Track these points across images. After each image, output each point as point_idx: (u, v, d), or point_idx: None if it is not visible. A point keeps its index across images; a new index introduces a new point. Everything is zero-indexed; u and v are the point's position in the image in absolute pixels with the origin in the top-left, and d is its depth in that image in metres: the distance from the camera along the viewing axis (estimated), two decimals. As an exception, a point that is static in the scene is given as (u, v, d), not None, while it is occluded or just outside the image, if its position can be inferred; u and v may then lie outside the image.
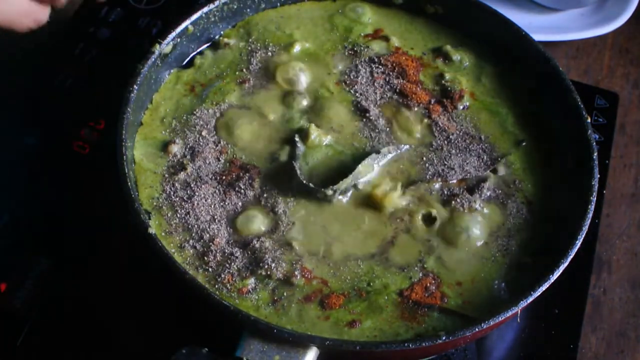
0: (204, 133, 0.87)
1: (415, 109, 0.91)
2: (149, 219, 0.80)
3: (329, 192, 0.81)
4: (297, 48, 0.94)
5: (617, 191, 1.06)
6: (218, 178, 0.84)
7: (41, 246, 0.92)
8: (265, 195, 0.83)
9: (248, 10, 0.97)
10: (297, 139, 0.85)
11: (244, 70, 0.92)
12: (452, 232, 0.81)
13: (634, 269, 1.00)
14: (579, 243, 0.77)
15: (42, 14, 0.80)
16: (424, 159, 0.87)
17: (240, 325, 0.71)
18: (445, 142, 0.88)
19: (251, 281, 0.77)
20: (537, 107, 0.91)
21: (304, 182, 0.81)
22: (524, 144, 0.89)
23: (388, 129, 0.89)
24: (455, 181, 0.85)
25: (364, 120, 0.89)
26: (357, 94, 0.91)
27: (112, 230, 0.91)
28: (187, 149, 0.85)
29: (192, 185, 0.82)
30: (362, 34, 0.97)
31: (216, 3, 0.93)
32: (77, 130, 1.00)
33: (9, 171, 0.98)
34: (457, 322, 0.76)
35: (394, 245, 0.81)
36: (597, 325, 0.95)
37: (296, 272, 0.78)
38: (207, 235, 0.79)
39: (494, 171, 0.86)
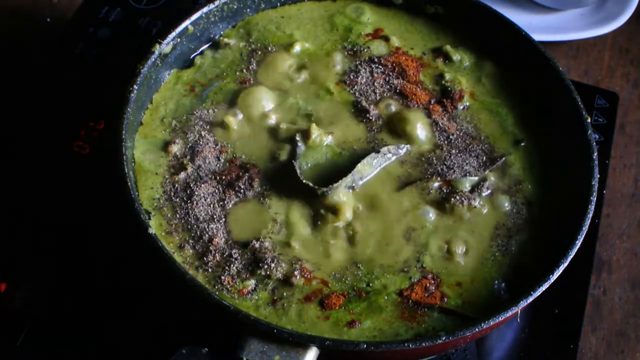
0: (203, 133, 0.87)
1: (415, 109, 0.91)
2: (149, 219, 0.80)
3: (328, 191, 0.81)
4: (297, 48, 0.94)
5: (617, 191, 1.06)
6: (218, 178, 0.84)
7: (41, 246, 0.92)
8: (264, 194, 0.83)
9: (248, 10, 0.97)
10: (298, 138, 0.85)
11: (244, 70, 0.92)
12: (452, 231, 0.81)
13: (634, 269, 1.00)
14: (579, 243, 0.77)
15: None
16: (424, 159, 0.87)
17: (240, 326, 0.71)
18: (445, 142, 0.88)
19: (251, 282, 0.77)
20: (537, 107, 0.91)
21: (304, 181, 0.81)
22: (523, 144, 0.89)
23: (388, 129, 0.89)
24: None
25: (364, 120, 0.89)
26: (357, 94, 0.91)
27: (112, 230, 0.91)
28: (187, 149, 0.85)
29: (191, 185, 0.82)
30: (362, 34, 0.97)
31: (216, 3, 0.93)
32: (77, 130, 1.00)
33: (9, 171, 0.98)
34: (457, 322, 0.76)
35: (392, 244, 0.81)
36: (597, 325, 0.95)
37: (296, 273, 0.78)
38: (206, 236, 0.79)
39: (494, 171, 0.86)
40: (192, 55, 0.94)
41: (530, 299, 0.74)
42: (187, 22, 0.91)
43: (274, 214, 0.81)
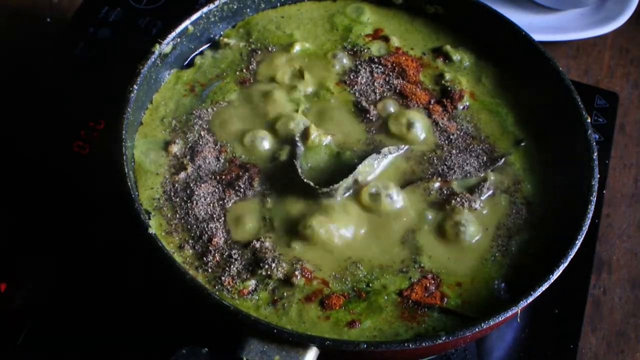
0: (203, 133, 0.87)
1: (415, 109, 0.91)
2: (149, 219, 0.80)
3: (329, 191, 0.81)
4: (297, 48, 0.94)
5: (617, 191, 1.06)
6: (218, 177, 0.84)
7: (41, 246, 0.92)
8: (264, 194, 0.83)
9: (248, 10, 0.97)
10: (297, 138, 0.85)
11: (244, 70, 0.92)
12: (452, 232, 0.81)
13: (634, 269, 1.00)
14: (579, 243, 0.77)
15: None
16: (424, 159, 0.87)
17: (240, 326, 0.71)
18: (446, 142, 0.88)
19: (251, 282, 0.77)
20: (537, 107, 0.91)
21: (305, 180, 0.81)
22: (523, 143, 0.89)
23: (388, 129, 0.89)
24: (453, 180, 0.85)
25: (364, 120, 0.89)
26: (357, 94, 0.91)
27: (112, 231, 0.91)
28: (187, 149, 0.85)
29: (191, 185, 0.82)
30: (362, 34, 0.97)
31: (216, 3, 0.93)
32: (77, 130, 1.00)
33: (9, 171, 0.98)
34: (457, 322, 0.76)
35: (393, 244, 0.81)
36: (597, 325, 0.95)
37: (297, 273, 0.78)
38: (206, 235, 0.79)
39: (494, 171, 0.86)
40: (192, 55, 0.94)
41: (530, 299, 0.74)
42: (187, 22, 0.91)
43: (275, 214, 0.81)
